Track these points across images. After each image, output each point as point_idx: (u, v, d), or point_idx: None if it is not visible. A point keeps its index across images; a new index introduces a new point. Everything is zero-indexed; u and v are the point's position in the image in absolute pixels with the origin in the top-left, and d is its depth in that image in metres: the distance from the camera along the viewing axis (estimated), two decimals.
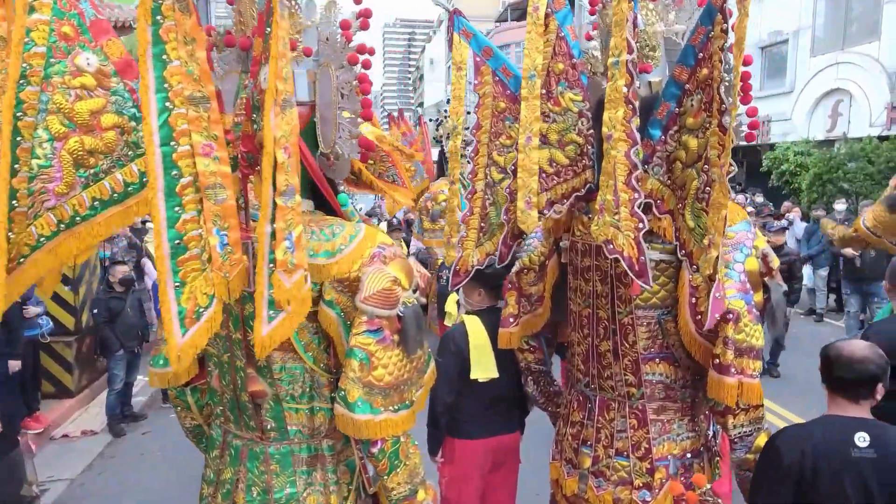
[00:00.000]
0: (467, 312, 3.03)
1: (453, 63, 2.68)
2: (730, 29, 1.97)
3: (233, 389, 2.08)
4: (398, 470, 2.02)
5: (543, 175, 2.26)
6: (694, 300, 2.19)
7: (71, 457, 4.99)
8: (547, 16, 2.21)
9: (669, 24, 2.39)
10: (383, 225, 8.87)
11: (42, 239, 1.73)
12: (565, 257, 2.53)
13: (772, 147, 15.38)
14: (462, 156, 3.01)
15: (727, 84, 1.94)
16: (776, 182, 14.29)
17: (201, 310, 1.64)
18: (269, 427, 2.09)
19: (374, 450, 1.97)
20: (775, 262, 2.19)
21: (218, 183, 1.66)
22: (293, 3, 2.01)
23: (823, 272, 9.16)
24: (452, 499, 2.99)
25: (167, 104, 1.56)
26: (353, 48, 2.09)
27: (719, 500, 2.31)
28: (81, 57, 1.73)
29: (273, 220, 1.64)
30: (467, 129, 3.27)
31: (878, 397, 2.06)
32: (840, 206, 8.90)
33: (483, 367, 2.86)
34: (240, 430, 2.14)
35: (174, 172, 1.58)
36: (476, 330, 2.88)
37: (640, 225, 1.98)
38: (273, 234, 1.67)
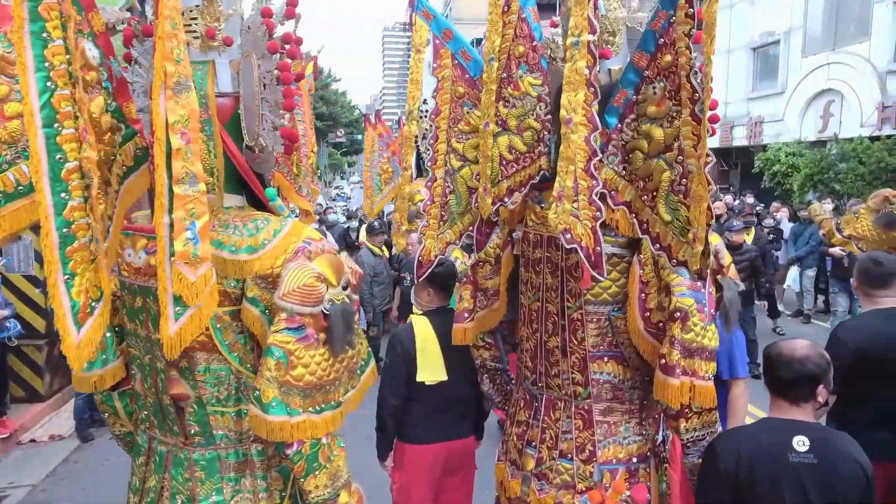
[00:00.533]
0: (416, 313, 2.95)
1: (412, 45, 2.57)
2: (696, 14, 1.89)
3: (155, 393, 1.98)
4: (317, 473, 1.91)
5: (504, 162, 2.17)
6: (644, 296, 2.11)
7: (35, 462, 4.89)
8: None
9: (632, 12, 2.31)
10: (363, 228, 8.82)
11: None
12: (517, 248, 2.44)
13: (764, 148, 15.34)
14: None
15: (697, 72, 1.85)
16: (768, 183, 14.23)
17: (93, 303, 1.56)
18: (192, 432, 1.98)
19: (290, 451, 1.86)
20: (727, 259, 2.11)
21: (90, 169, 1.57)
22: None
23: (811, 273, 9.07)
24: None
25: (48, 84, 1.47)
26: (282, 39, 2.02)
27: None
28: None
29: (171, 210, 1.56)
30: (423, 116, 3.18)
31: (821, 399, 1.97)
32: (827, 206, 8.83)
33: (430, 370, 2.76)
34: (164, 436, 2.03)
35: (58, 156, 1.49)
36: (424, 331, 2.79)
37: (598, 214, 1.90)
38: (171, 225, 1.58)
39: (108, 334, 2.01)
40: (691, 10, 1.89)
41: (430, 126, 2.59)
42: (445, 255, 2.55)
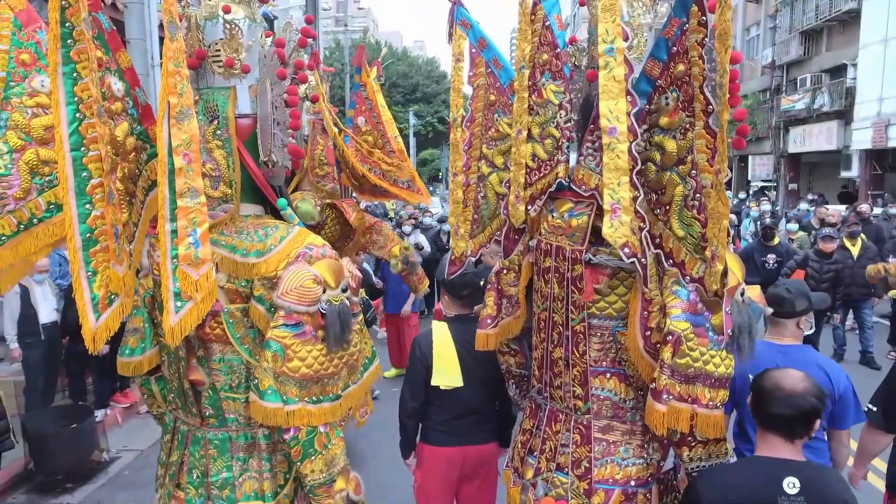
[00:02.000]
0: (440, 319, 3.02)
1: (452, 55, 2.65)
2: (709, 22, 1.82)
3: (178, 378, 2.25)
4: (313, 458, 2.07)
5: (528, 170, 2.22)
6: (646, 314, 2.04)
7: (147, 430, 5.56)
8: (535, 4, 2.16)
9: (660, 17, 2.24)
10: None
11: (3, 237, 1.96)
12: (531, 257, 2.44)
13: None
14: None
15: (713, 83, 1.79)
16: None
17: (113, 297, 1.82)
18: (207, 414, 2.24)
19: (287, 436, 2.05)
20: (731, 281, 1.97)
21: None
22: (234, 26, 2.16)
23: None
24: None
25: (77, 115, 1.75)
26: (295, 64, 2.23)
27: None
28: (37, 80, 1.97)
29: (174, 219, 1.79)
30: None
31: (813, 434, 1.80)
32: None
33: (445, 375, 2.81)
34: (185, 417, 2.31)
35: (84, 174, 1.77)
36: (441, 337, 2.85)
37: (643, 225, 1.90)
38: (175, 232, 1.82)
39: (147, 325, 2.31)
40: (704, 17, 1.82)
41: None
42: (476, 257, 2.62)
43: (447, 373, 2.81)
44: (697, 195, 1.87)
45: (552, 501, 2.14)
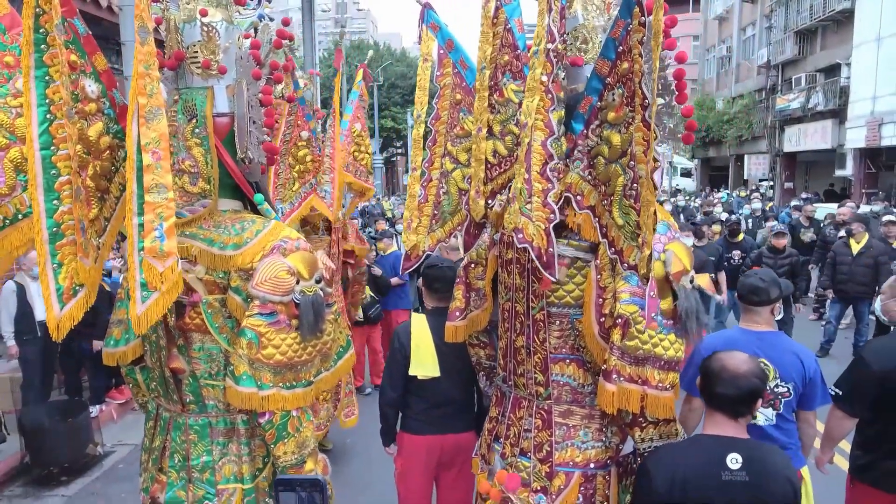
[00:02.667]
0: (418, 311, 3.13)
1: (421, 55, 2.74)
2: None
3: (160, 366, 2.35)
4: (286, 440, 2.17)
5: (488, 166, 2.30)
6: (601, 301, 2.14)
7: (141, 426, 5.65)
8: (497, 8, 2.24)
9: (612, 20, 2.35)
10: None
11: None
12: (496, 250, 2.54)
13: None
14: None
15: (649, 78, 1.89)
16: None
17: (77, 288, 1.91)
18: (188, 400, 2.33)
19: (262, 420, 2.15)
20: (675, 267, 2.06)
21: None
22: (211, 29, 2.26)
23: None
24: (401, 491, 3.09)
25: (48, 116, 1.84)
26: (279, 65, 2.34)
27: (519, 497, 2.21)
28: (21, 81, 2.01)
29: (141, 213, 1.88)
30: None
31: (756, 413, 1.91)
32: None
33: (423, 366, 2.91)
34: (167, 404, 2.40)
35: (52, 171, 1.85)
36: (419, 328, 2.95)
37: (552, 216, 1.98)
38: (142, 226, 1.90)
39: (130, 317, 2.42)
40: (644, 18, 1.92)
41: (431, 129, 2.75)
42: (433, 252, 2.71)
43: (425, 364, 2.91)
44: (635, 185, 1.94)
45: (505, 474, 2.24)
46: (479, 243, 2.63)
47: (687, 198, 21.70)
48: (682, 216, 12.63)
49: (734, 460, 1.83)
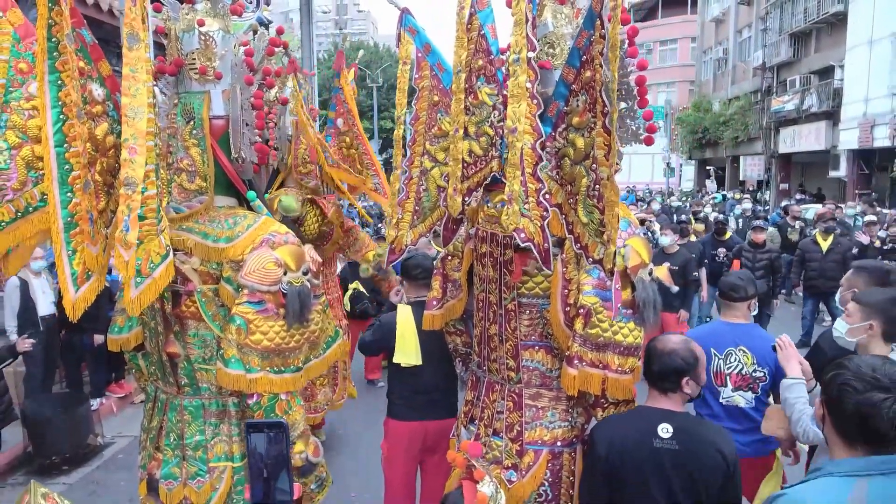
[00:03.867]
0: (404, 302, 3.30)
1: (399, 58, 2.88)
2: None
3: (157, 351, 2.52)
4: None
5: (465, 164, 2.42)
6: (566, 292, 2.30)
7: (141, 418, 5.83)
8: (471, 14, 2.37)
9: (578, 28, 2.50)
10: None
11: (2, 223, 2.18)
12: (472, 244, 2.69)
13: None
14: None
15: (608, 87, 2.04)
16: None
17: (90, 273, 2.08)
18: (183, 383, 2.51)
19: (251, 402, 2.31)
20: (633, 260, 2.22)
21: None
22: (208, 38, 2.44)
23: None
24: (387, 474, 3.26)
25: (61, 116, 2.01)
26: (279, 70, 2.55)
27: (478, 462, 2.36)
28: (33, 86, 2.16)
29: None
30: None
31: (688, 391, 2.07)
32: None
33: (405, 354, 3.08)
34: (164, 386, 2.58)
35: (66, 167, 2.03)
36: (404, 318, 3.12)
37: (546, 213, 2.13)
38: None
39: None
40: (604, 30, 2.08)
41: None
42: (416, 246, 2.87)
43: (407, 352, 3.09)
44: (597, 186, 2.09)
45: (468, 442, 2.40)
46: (456, 237, 2.78)
47: (683, 198, 21.86)
48: (674, 216, 12.80)
49: (665, 429, 2.02)
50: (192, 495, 2.44)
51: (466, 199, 2.45)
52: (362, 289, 6.15)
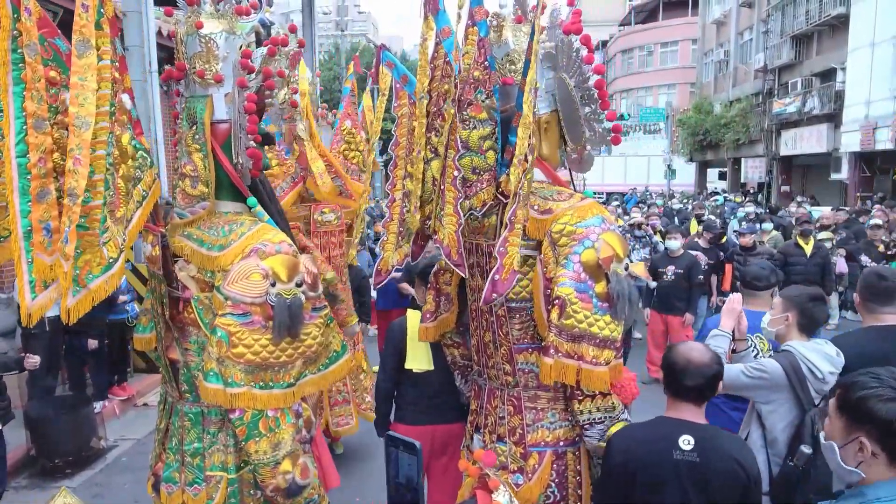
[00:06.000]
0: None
1: (379, 89, 2.95)
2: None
3: (163, 355, 2.53)
4: (257, 439, 2.23)
5: (467, 183, 2.38)
6: (548, 291, 2.30)
7: (143, 421, 5.85)
8: (437, 44, 2.40)
9: (541, 42, 2.50)
10: None
11: (2, 237, 2.21)
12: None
13: None
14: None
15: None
16: None
17: (47, 282, 2.04)
18: (184, 389, 2.48)
19: (233, 416, 2.23)
20: (604, 252, 2.21)
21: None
22: (209, 40, 2.41)
23: None
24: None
25: (24, 127, 1.99)
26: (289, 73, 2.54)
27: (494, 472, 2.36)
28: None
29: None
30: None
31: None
32: None
33: (417, 359, 3.09)
34: (170, 390, 2.57)
35: (28, 177, 2.00)
36: (415, 324, 3.09)
37: (460, 221, 2.19)
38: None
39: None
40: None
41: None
42: (402, 266, 2.89)
43: (419, 357, 3.09)
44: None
45: (482, 451, 2.40)
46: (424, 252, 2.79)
47: (685, 200, 21.86)
48: (676, 219, 12.78)
49: (686, 441, 1.98)
50: (189, 502, 2.41)
51: (476, 212, 2.43)
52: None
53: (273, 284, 2.23)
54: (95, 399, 5.84)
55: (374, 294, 6.50)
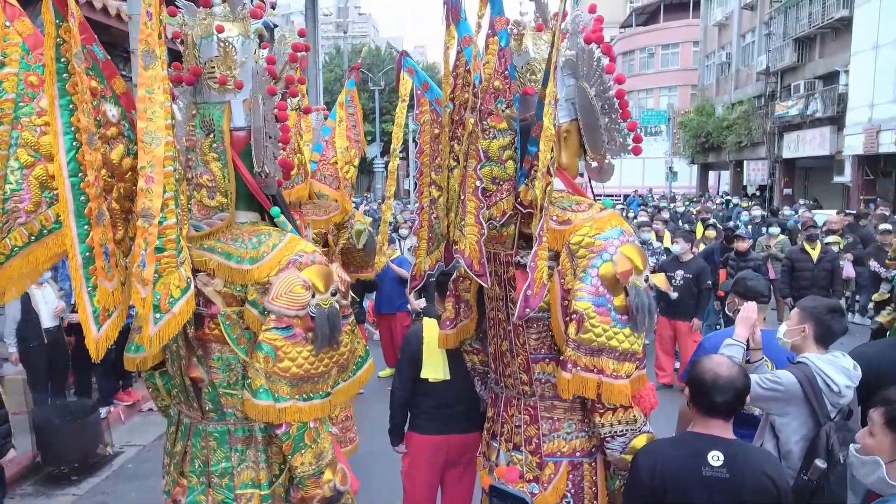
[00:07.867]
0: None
1: (399, 96, 2.92)
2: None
3: (180, 375, 2.41)
4: (303, 451, 2.21)
5: (486, 193, 2.36)
6: (566, 303, 2.28)
7: (149, 427, 5.83)
8: (458, 52, 2.39)
9: (563, 51, 2.46)
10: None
11: (15, 248, 2.02)
12: None
13: None
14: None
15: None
16: None
17: (109, 310, 1.98)
18: (207, 409, 2.39)
19: (279, 431, 2.20)
20: (621, 266, 2.19)
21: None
22: (227, 44, 2.35)
23: None
24: (408, 488, 3.24)
25: (74, 143, 1.86)
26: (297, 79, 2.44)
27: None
28: (45, 100, 1.97)
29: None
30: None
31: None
32: None
33: (433, 368, 3.07)
34: (188, 410, 2.46)
35: (82, 198, 1.89)
36: (431, 333, 3.09)
37: (482, 231, 2.16)
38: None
39: None
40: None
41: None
42: (435, 271, 2.86)
43: (435, 366, 3.07)
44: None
45: (504, 468, 2.38)
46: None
47: (686, 203, 21.82)
48: (680, 221, 12.75)
49: (716, 457, 1.95)
50: None
51: (497, 222, 2.39)
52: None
53: (313, 296, 2.20)
54: (101, 404, 5.81)
55: (410, 296, 6.63)
